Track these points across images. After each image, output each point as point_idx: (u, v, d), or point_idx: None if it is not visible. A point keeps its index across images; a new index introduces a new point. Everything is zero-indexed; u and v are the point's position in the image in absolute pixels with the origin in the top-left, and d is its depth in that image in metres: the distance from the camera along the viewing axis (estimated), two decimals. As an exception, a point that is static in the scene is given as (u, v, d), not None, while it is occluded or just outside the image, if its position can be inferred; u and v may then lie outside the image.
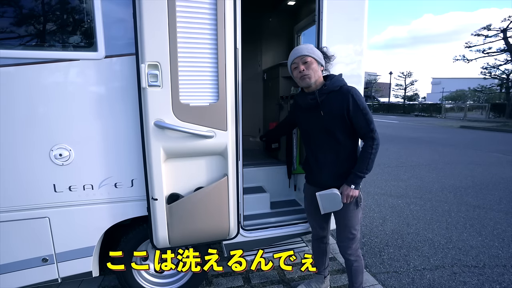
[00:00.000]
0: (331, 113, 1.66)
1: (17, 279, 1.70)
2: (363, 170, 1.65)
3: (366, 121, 1.62)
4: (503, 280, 2.45)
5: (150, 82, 1.55)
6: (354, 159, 1.73)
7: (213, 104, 1.70)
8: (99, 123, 1.66)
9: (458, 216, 3.78)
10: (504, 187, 4.99)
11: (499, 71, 22.35)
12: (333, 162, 1.74)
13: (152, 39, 1.52)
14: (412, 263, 2.70)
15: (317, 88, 1.70)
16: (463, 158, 7.34)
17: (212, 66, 1.67)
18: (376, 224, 3.53)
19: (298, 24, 3.64)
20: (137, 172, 1.76)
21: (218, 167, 1.83)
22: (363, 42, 2.15)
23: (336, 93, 1.66)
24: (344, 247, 1.85)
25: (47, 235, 1.69)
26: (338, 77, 1.72)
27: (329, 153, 1.74)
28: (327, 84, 1.67)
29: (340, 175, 1.73)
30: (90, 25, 1.58)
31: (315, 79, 1.68)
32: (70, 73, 1.59)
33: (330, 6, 2.01)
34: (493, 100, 27.49)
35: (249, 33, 3.11)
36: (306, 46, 1.70)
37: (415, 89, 47.37)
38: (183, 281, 2.11)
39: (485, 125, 16.28)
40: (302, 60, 1.66)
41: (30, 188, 1.63)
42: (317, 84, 1.70)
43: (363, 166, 1.65)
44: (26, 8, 1.54)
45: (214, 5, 1.61)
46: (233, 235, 1.96)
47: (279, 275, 2.44)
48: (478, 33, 21.23)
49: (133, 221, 1.88)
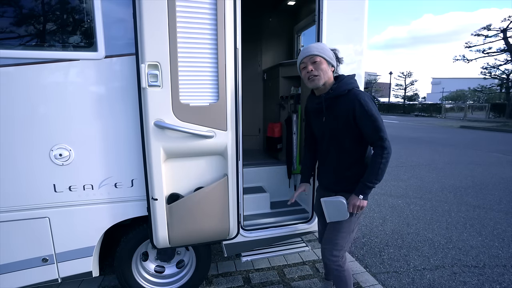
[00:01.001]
0: (336, 119, 1.59)
1: (17, 279, 1.70)
2: (372, 180, 1.54)
3: (375, 128, 1.51)
4: (503, 280, 2.45)
5: (150, 82, 1.55)
6: (362, 165, 1.64)
7: (213, 104, 1.70)
8: (99, 123, 1.66)
9: (458, 216, 3.78)
10: (504, 187, 4.99)
11: (499, 71, 22.38)
12: (336, 168, 1.68)
13: (152, 39, 1.52)
14: (412, 263, 2.70)
15: (326, 90, 1.62)
16: (463, 158, 7.34)
17: (212, 66, 1.67)
18: (376, 224, 3.53)
19: (298, 24, 3.64)
20: (137, 172, 1.76)
21: (218, 167, 1.83)
22: (363, 42, 2.15)
23: (343, 98, 1.57)
24: (326, 250, 1.73)
25: (47, 235, 1.69)
26: (347, 79, 1.61)
27: (333, 158, 1.69)
28: (334, 88, 1.59)
29: (342, 179, 1.67)
30: (90, 25, 1.58)
31: (325, 80, 1.59)
32: (70, 73, 1.59)
33: (330, 6, 2.01)
34: (493, 100, 27.51)
35: (249, 33, 3.11)
36: (316, 45, 1.61)
37: (415, 89, 47.42)
38: (183, 281, 2.11)
39: (485, 125, 16.28)
40: (311, 60, 1.58)
41: (30, 188, 1.63)
42: (327, 86, 1.62)
43: (373, 175, 1.54)
44: (26, 8, 1.54)
45: (214, 5, 1.61)
46: (233, 235, 1.96)
47: (279, 275, 2.44)
48: (478, 33, 21.25)
49: (133, 221, 1.88)
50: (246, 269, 2.51)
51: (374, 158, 1.55)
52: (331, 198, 1.65)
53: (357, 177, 1.63)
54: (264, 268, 2.54)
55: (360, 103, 1.52)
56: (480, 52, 22.02)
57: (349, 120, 1.56)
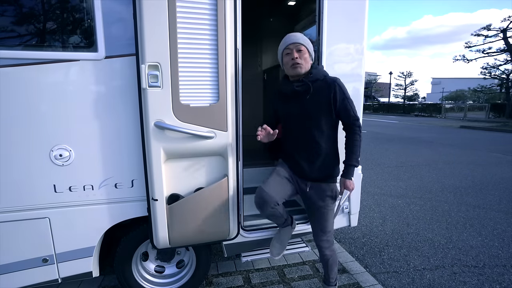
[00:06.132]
0: (318, 100, 1.65)
1: (17, 279, 1.70)
2: (357, 159, 1.68)
3: (352, 109, 1.66)
4: (503, 280, 2.45)
5: (150, 83, 1.55)
6: (336, 153, 1.77)
7: (214, 105, 1.70)
8: (99, 124, 1.66)
9: (458, 216, 3.78)
10: (504, 187, 4.99)
11: (499, 71, 22.37)
12: (317, 152, 1.71)
13: (152, 40, 1.52)
14: (412, 263, 2.70)
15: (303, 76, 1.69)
16: (463, 158, 7.34)
17: (212, 66, 1.67)
18: (376, 224, 3.53)
19: (298, 24, 3.64)
20: (137, 172, 1.76)
21: (218, 167, 1.83)
22: (363, 42, 2.15)
23: (321, 82, 1.66)
24: (320, 240, 1.83)
25: (48, 236, 1.69)
26: (320, 67, 1.76)
27: (312, 143, 1.70)
28: (313, 72, 1.67)
29: (325, 167, 1.74)
30: (90, 25, 1.58)
31: (305, 70, 1.66)
32: (70, 74, 1.59)
33: (330, 6, 2.01)
34: (493, 100, 27.50)
35: (249, 33, 3.11)
36: (300, 35, 1.68)
37: (415, 89, 47.42)
38: (183, 281, 2.11)
39: (485, 125, 16.28)
40: (296, 48, 1.64)
41: (31, 188, 1.63)
42: (303, 75, 1.69)
43: (356, 155, 1.67)
44: (26, 7, 1.54)
45: (215, 5, 1.61)
46: (233, 235, 1.96)
47: (279, 275, 2.44)
48: (478, 33, 21.24)
49: (133, 222, 1.88)
50: (246, 269, 2.51)
51: (353, 138, 1.68)
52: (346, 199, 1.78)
53: (334, 162, 1.76)
54: (264, 268, 2.54)
55: (339, 86, 1.63)
56: (480, 52, 22.02)
57: (329, 102, 1.64)
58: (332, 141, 1.74)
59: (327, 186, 1.76)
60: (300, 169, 1.77)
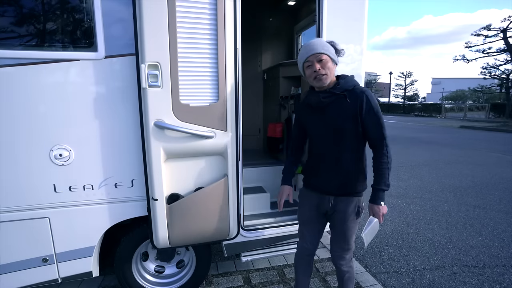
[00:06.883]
0: (345, 112, 1.52)
1: (17, 279, 1.70)
2: (386, 182, 1.52)
3: (380, 125, 1.50)
4: (503, 280, 2.45)
5: (150, 82, 1.55)
6: (362, 167, 1.62)
7: (213, 104, 1.70)
8: (99, 124, 1.66)
9: (458, 216, 3.78)
10: (504, 187, 4.99)
11: (499, 71, 22.38)
12: (342, 167, 1.59)
13: (152, 39, 1.52)
14: (412, 263, 2.70)
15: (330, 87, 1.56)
16: (463, 158, 7.34)
17: (212, 66, 1.67)
18: (376, 224, 3.53)
19: (298, 24, 3.64)
20: (137, 172, 1.76)
21: (218, 167, 1.83)
22: (363, 42, 2.16)
23: (349, 93, 1.52)
24: (338, 257, 1.75)
25: (47, 235, 1.69)
26: (351, 77, 1.59)
27: (335, 158, 1.59)
28: (341, 83, 1.54)
29: (345, 184, 1.60)
30: (90, 25, 1.58)
31: (330, 79, 1.54)
32: (70, 74, 1.59)
33: (330, 6, 2.01)
34: (493, 100, 27.50)
35: (249, 33, 3.12)
36: (319, 42, 1.53)
37: (415, 89, 47.40)
38: (183, 281, 2.11)
39: (485, 125, 16.29)
40: (317, 58, 1.49)
41: (30, 188, 1.63)
42: (330, 84, 1.56)
43: (384, 178, 1.51)
44: (26, 7, 1.54)
45: (214, 5, 1.61)
46: (233, 235, 1.96)
47: (279, 275, 2.44)
48: (478, 33, 21.25)
49: (133, 221, 1.88)
50: (246, 269, 2.51)
51: (380, 159, 1.52)
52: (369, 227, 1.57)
53: (359, 177, 1.61)
54: (264, 268, 2.54)
55: (367, 98, 1.49)
56: (480, 52, 22.03)
57: (356, 114, 1.51)
58: (359, 155, 1.60)
59: (350, 200, 1.63)
60: (324, 183, 1.65)
